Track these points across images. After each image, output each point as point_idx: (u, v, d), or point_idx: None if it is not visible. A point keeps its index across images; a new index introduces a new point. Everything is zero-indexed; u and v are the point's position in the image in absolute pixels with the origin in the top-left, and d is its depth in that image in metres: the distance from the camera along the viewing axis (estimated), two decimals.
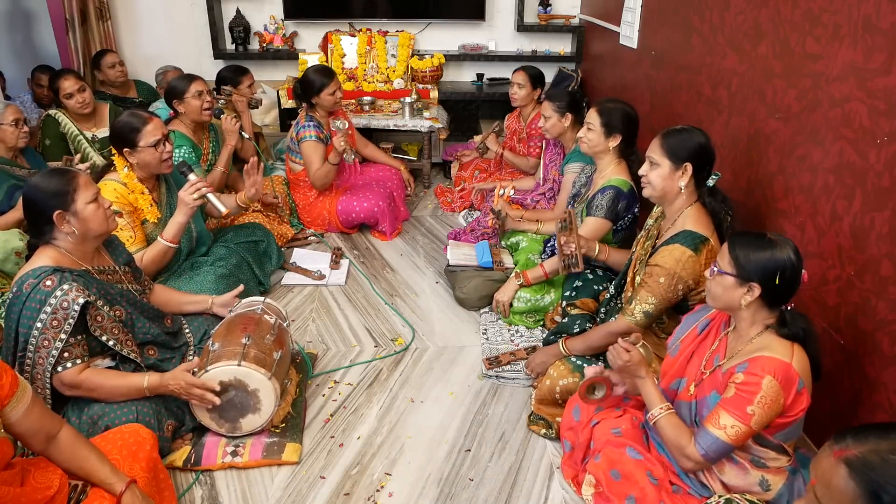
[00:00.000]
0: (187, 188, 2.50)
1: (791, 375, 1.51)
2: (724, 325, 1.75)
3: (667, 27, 3.14)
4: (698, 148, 1.99)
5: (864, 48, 1.78)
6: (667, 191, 2.04)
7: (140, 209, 2.51)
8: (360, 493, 1.97)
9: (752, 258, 1.55)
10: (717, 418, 1.55)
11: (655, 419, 1.70)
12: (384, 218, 3.61)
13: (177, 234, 2.51)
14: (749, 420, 1.51)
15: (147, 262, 2.46)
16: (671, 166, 2.00)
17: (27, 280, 1.82)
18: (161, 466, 1.79)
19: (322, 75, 3.51)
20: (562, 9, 4.82)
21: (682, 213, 2.04)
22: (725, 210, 2.03)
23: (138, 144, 2.44)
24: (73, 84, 3.41)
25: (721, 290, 1.61)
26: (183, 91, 3.09)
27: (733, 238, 1.62)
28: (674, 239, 2.00)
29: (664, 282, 1.98)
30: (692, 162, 1.98)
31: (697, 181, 2.02)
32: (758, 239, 1.58)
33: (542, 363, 2.32)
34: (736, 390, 1.54)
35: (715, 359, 1.70)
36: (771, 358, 1.52)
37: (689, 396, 1.71)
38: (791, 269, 1.54)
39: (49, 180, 1.90)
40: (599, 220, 2.52)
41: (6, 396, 1.44)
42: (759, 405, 1.50)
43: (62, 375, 1.83)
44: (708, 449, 1.57)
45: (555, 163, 3.34)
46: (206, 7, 4.61)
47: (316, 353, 2.60)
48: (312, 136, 3.48)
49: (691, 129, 2.03)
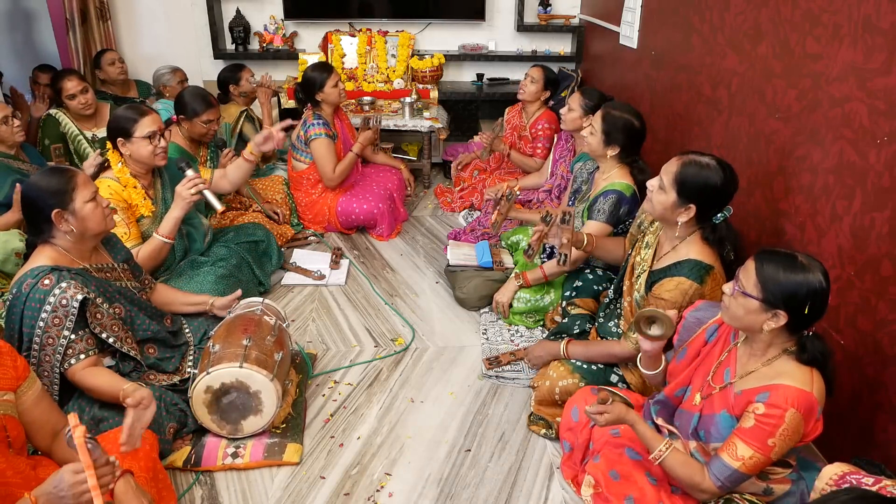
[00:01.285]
0: (184, 183, 2.49)
1: (812, 404, 1.45)
2: (734, 336, 1.68)
3: (667, 27, 3.14)
4: (711, 190, 1.85)
5: (864, 48, 1.78)
6: (666, 218, 1.96)
7: (135, 205, 2.50)
8: (360, 493, 1.97)
9: (783, 284, 1.44)
10: (735, 449, 1.50)
11: (660, 460, 1.64)
12: (383, 219, 3.61)
13: (172, 229, 2.50)
14: (769, 452, 1.47)
15: (142, 258, 2.44)
16: (676, 200, 1.88)
17: (26, 280, 1.83)
18: (160, 467, 1.79)
19: (321, 71, 3.52)
20: (562, 9, 4.82)
21: (684, 240, 1.96)
22: (728, 248, 1.94)
23: (133, 135, 2.43)
24: (77, 85, 3.40)
25: (742, 313, 1.51)
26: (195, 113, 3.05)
27: (761, 258, 1.49)
28: (679, 270, 1.92)
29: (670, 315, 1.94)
30: (698, 203, 1.87)
31: (703, 216, 1.91)
32: (788, 260, 1.46)
33: (539, 357, 2.32)
34: (756, 422, 1.47)
35: (725, 373, 1.64)
36: (792, 388, 1.46)
37: (695, 407, 1.67)
38: (821, 298, 1.45)
39: (48, 179, 1.90)
40: (600, 224, 2.51)
41: (21, 377, 1.51)
42: (780, 437, 1.45)
43: (73, 369, 1.85)
44: (724, 480, 1.53)
45: (564, 159, 3.33)
46: (206, 7, 4.61)
47: (316, 354, 2.60)
48: (322, 133, 3.48)
49: (712, 166, 1.86)
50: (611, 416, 1.68)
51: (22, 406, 1.51)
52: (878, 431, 1.77)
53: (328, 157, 3.50)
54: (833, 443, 1.94)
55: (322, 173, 3.56)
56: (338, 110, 3.71)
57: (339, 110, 3.72)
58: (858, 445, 1.84)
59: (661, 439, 1.65)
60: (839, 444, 1.92)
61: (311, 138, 3.49)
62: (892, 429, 1.72)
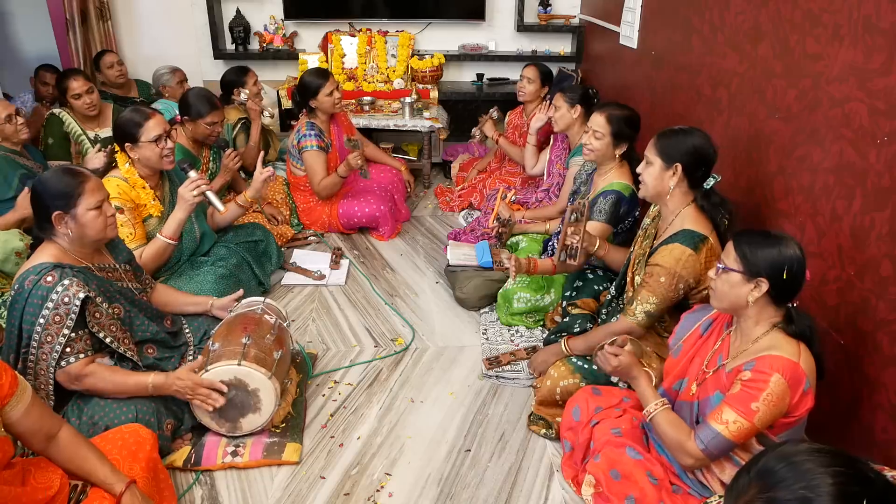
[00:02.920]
0: (187, 185, 2.50)
1: (799, 375, 1.50)
2: (727, 326, 1.74)
3: (667, 27, 3.14)
4: (691, 149, 1.98)
5: (864, 48, 1.78)
6: (659, 190, 2.04)
7: (141, 205, 2.51)
8: (360, 493, 1.97)
9: (759, 254, 1.55)
10: (720, 414, 1.54)
11: (652, 415, 1.70)
12: (385, 222, 3.61)
13: (176, 230, 2.51)
14: (752, 416, 1.50)
15: (146, 258, 2.46)
16: (662, 165, 2.01)
17: (28, 276, 1.83)
18: (161, 466, 1.79)
19: (317, 76, 3.47)
20: (562, 9, 4.82)
21: (679, 214, 2.04)
22: (722, 213, 2.01)
23: (140, 139, 2.44)
24: (82, 85, 3.40)
25: (728, 288, 1.60)
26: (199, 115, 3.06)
27: (737, 235, 1.62)
28: (673, 238, 2.00)
29: (665, 281, 1.98)
30: (683, 162, 1.98)
31: (693, 182, 2.02)
32: (762, 235, 1.59)
33: (543, 362, 2.32)
34: (742, 386, 1.53)
35: (718, 358, 1.69)
36: (779, 356, 1.52)
37: (691, 396, 1.71)
38: (798, 264, 1.54)
39: (58, 179, 1.91)
40: (601, 224, 2.51)
41: (6, 396, 1.44)
42: (764, 402, 1.49)
43: (68, 369, 1.84)
44: (708, 444, 1.56)
45: (560, 158, 3.33)
46: (206, 7, 4.61)
47: (316, 353, 2.60)
48: (314, 146, 3.46)
49: (689, 130, 2.03)
50: (625, 360, 1.76)
51: (12, 419, 1.46)
52: (878, 431, 1.77)
53: (317, 170, 3.49)
54: (833, 443, 1.93)
55: (311, 183, 3.56)
56: (335, 115, 3.67)
57: (336, 115, 3.68)
58: (858, 445, 1.84)
59: (657, 397, 1.72)
60: (839, 444, 1.92)
61: (302, 149, 3.48)
62: (892, 429, 1.72)
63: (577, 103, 3.05)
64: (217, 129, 3.12)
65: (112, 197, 2.37)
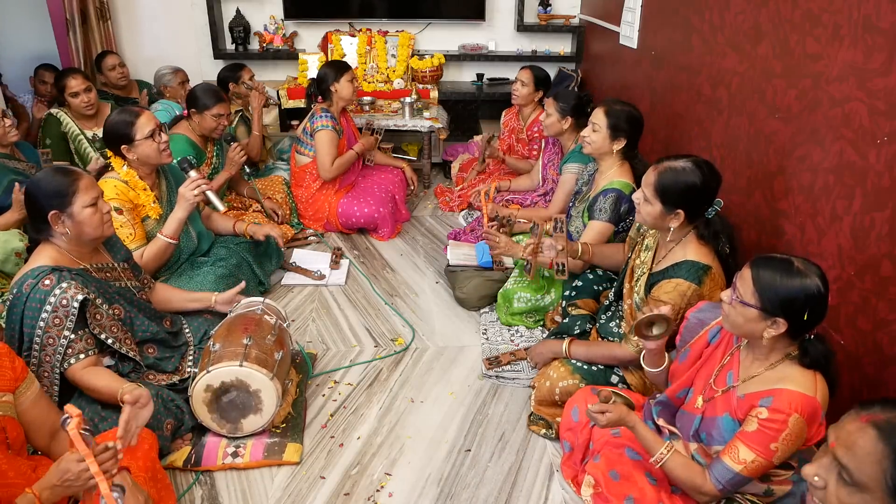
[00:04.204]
0: (188, 184, 2.51)
1: (816, 410, 1.45)
2: (737, 339, 1.67)
3: (667, 27, 3.14)
4: (694, 192, 1.88)
5: (864, 48, 1.78)
6: (658, 227, 1.99)
7: (140, 206, 2.51)
8: (360, 493, 1.97)
9: (780, 292, 1.43)
10: (737, 452, 1.50)
11: (661, 462, 1.63)
12: (385, 223, 3.61)
13: (176, 230, 2.52)
14: (772, 456, 1.46)
15: (147, 258, 2.46)
16: (662, 209, 1.92)
17: (26, 280, 1.83)
18: (160, 466, 1.79)
19: (339, 66, 3.62)
20: (562, 9, 4.82)
21: (680, 241, 1.97)
22: (723, 242, 1.94)
23: (135, 138, 2.44)
24: (81, 83, 3.40)
25: (742, 321, 1.51)
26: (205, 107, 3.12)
27: (757, 265, 1.49)
28: (677, 272, 1.92)
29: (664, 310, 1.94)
30: (684, 208, 1.89)
31: (693, 216, 1.93)
32: (784, 267, 1.45)
33: (541, 353, 2.31)
34: (759, 426, 1.47)
35: (727, 375, 1.63)
36: (796, 393, 1.45)
37: (697, 410, 1.67)
38: (820, 303, 1.44)
39: (51, 179, 1.91)
40: (603, 223, 2.51)
41: (19, 378, 1.51)
42: (783, 442, 1.45)
43: (73, 369, 1.85)
44: (726, 483, 1.52)
45: (553, 162, 3.34)
46: (206, 7, 4.61)
47: (316, 353, 2.60)
48: (328, 125, 3.51)
49: (687, 168, 1.89)
50: (613, 416, 1.67)
51: (20, 406, 1.51)
52: None
53: (328, 150, 3.52)
54: None
55: (320, 164, 3.57)
56: (344, 111, 3.72)
57: (345, 111, 3.74)
58: None
59: (661, 442, 1.65)
60: None
61: (316, 129, 3.51)
62: None
63: (569, 114, 3.05)
64: (223, 122, 3.17)
65: (110, 198, 2.37)
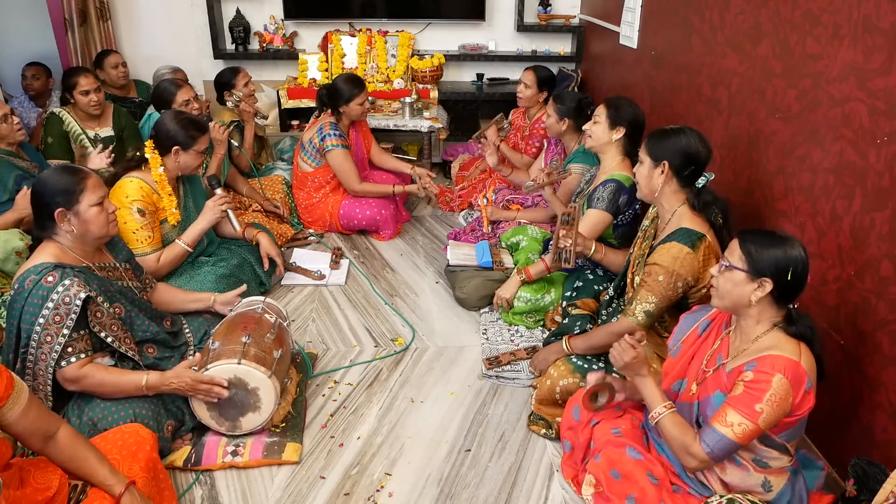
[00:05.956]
0: (216, 199, 2.66)
1: (800, 374, 1.50)
2: (726, 325, 1.74)
3: (667, 27, 3.14)
4: (679, 148, 2.00)
5: (864, 48, 1.78)
6: (649, 188, 2.07)
7: (161, 209, 2.56)
8: (360, 493, 1.96)
9: (764, 253, 1.54)
10: (724, 416, 1.54)
11: (658, 419, 1.68)
12: (386, 225, 3.61)
13: (195, 239, 2.64)
14: (757, 418, 1.50)
15: (164, 263, 2.54)
16: (650, 164, 2.04)
17: (29, 276, 1.83)
18: (160, 466, 1.78)
19: (353, 85, 3.51)
20: (562, 9, 4.82)
21: (675, 213, 2.05)
22: (715, 212, 2.01)
23: (191, 148, 2.57)
24: (92, 82, 3.39)
25: (730, 286, 1.59)
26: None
27: (743, 233, 1.61)
28: (671, 237, 2.00)
29: (663, 280, 1.98)
30: (670, 161, 2.00)
31: (684, 181, 2.02)
32: (768, 235, 1.58)
33: (544, 360, 2.32)
34: (745, 388, 1.52)
35: (717, 358, 1.69)
36: (780, 356, 1.51)
37: (691, 397, 1.70)
38: (802, 265, 1.54)
39: (58, 177, 1.92)
40: (600, 212, 2.52)
41: (1, 398, 1.43)
42: (768, 403, 1.49)
43: (65, 370, 1.84)
44: (714, 447, 1.55)
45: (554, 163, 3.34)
46: (206, 7, 4.61)
47: (316, 353, 2.60)
48: (338, 144, 3.48)
49: (680, 130, 2.03)
50: (641, 353, 1.72)
51: (9, 420, 1.45)
52: (878, 431, 1.77)
53: (347, 167, 3.52)
54: (833, 443, 1.95)
55: (345, 184, 3.59)
56: (356, 121, 3.70)
57: (357, 121, 3.72)
58: (858, 445, 1.84)
59: (665, 400, 1.70)
60: (839, 444, 1.92)
61: (326, 149, 3.49)
62: (892, 429, 1.72)
63: (567, 116, 3.05)
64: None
65: (134, 199, 2.44)
